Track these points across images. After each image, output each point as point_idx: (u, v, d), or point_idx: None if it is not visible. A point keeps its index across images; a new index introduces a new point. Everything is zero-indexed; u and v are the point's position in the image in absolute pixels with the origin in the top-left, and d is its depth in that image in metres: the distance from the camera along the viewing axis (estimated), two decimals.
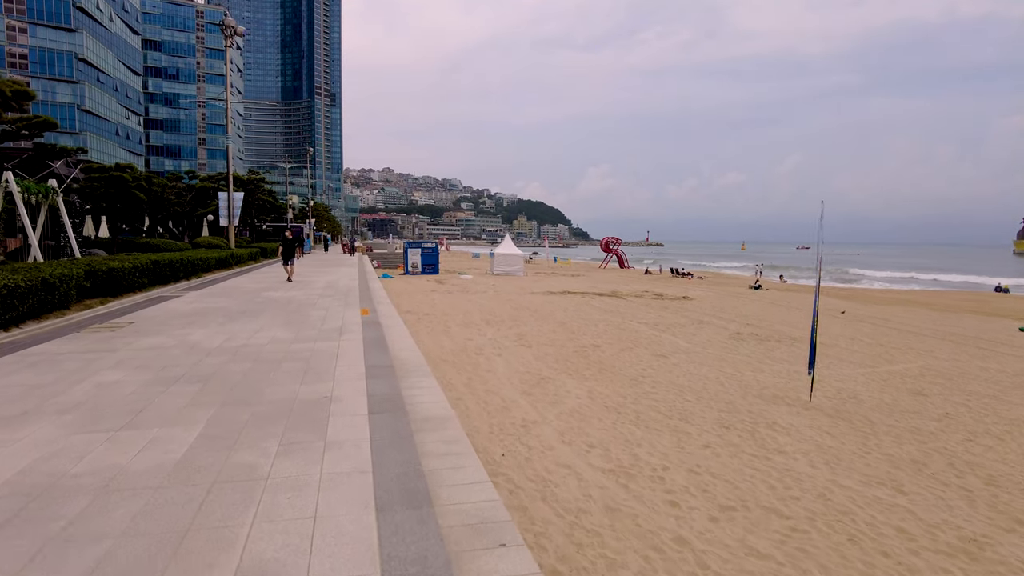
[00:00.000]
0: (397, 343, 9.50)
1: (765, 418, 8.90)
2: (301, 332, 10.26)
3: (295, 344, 9.23)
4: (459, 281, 34.96)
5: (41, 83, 72.75)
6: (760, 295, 31.99)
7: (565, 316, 19.46)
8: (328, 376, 7.18)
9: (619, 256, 63.26)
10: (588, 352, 13.56)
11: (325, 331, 10.38)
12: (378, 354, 8.51)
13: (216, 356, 8.32)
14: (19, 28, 71.33)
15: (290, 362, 7.97)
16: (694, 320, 19.92)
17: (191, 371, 7.41)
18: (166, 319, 11.72)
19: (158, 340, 9.45)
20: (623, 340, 15.36)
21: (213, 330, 10.42)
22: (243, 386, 6.72)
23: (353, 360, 8.07)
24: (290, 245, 21.38)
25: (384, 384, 6.78)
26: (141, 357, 8.22)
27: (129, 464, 4.45)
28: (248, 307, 13.89)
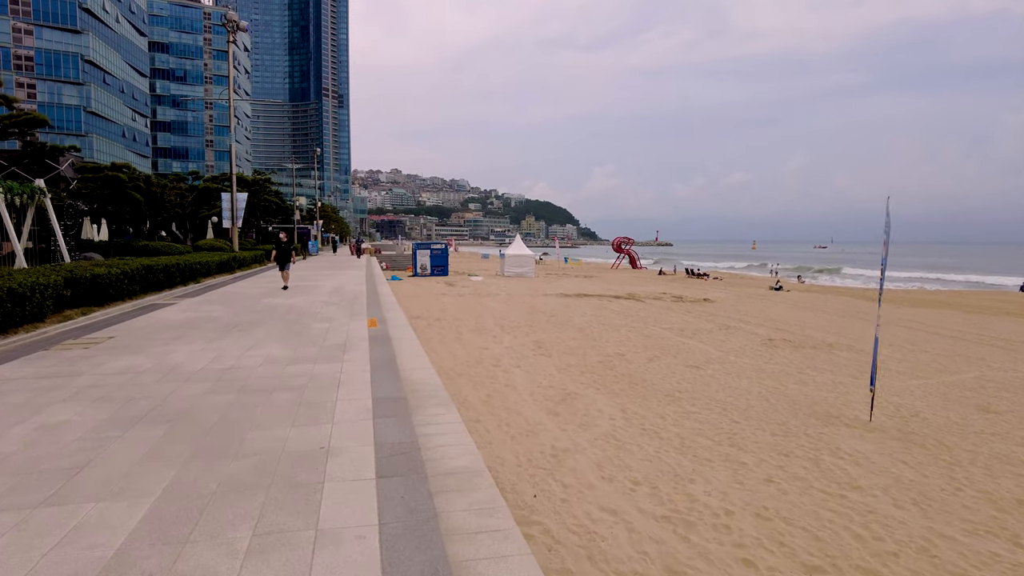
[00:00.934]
0: (409, 361, 8.33)
1: (826, 442, 7.83)
2: (300, 350, 8.94)
3: (291, 366, 7.90)
4: (470, 283, 33.98)
5: (47, 85, 72.38)
6: (783, 297, 30.82)
7: (583, 321, 18.41)
8: (326, 414, 5.79)
9: (631, 256, 62.08)
10: (614, 362, 12.50)
11: (327, 348, 9.05)
12: (388, 380, 7.10)
13: (196, 383, 6.98)
14: (25, 30, 70.89)
15: (283, 392, 6.59)
16: (720, 325, 18.83)
17: (161, 406, 6.07)
18: (150, 333, 10.51)
19: (133, 361, 8.19)
20: (649, 348, 14.30)
21: (200, 347, 9.18)
22: (220, 429, 5.32)
23: (358, 389, 6.70)
24: (285, 248, 19.04)
25: (395, 426, 5.35)
26: (106, 384, 6.93)
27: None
28: (244, 317, 12.63)
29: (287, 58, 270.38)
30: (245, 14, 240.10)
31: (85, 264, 13.01)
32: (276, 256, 19.01)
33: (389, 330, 10.91)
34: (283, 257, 18.91)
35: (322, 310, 13.95)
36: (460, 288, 30.44)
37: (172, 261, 17.16)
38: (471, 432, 7.20)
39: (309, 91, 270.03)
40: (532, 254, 43.45)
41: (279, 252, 18.93)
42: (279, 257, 18.94)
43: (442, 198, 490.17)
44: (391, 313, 13.57)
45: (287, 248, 19.01)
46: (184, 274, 18.31)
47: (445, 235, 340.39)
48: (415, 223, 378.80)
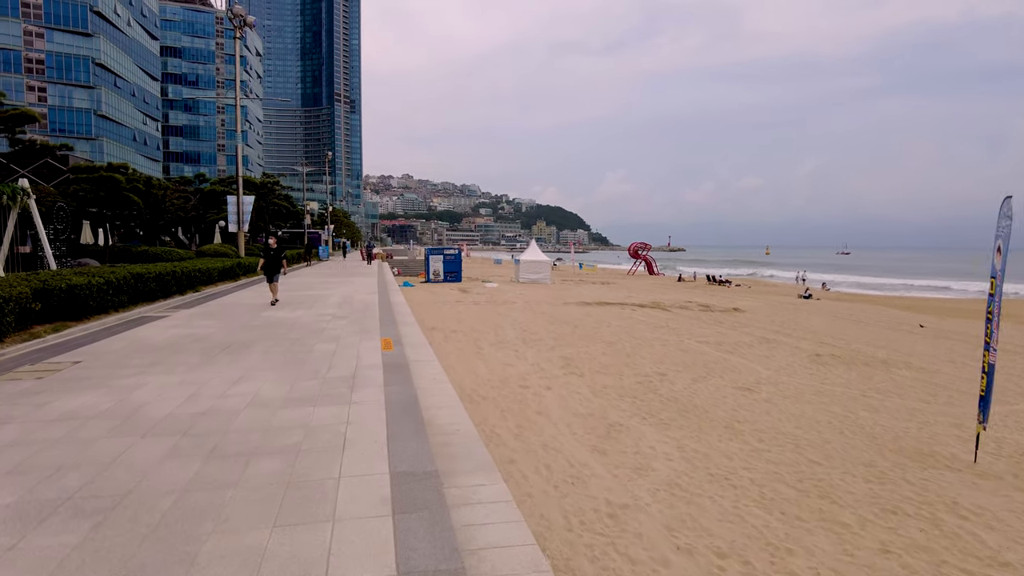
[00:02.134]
0: (433, 397, 6.81)
1: (935, 493, 6.45)
2: (298, 384, 7.30)
3: (284, 410, 6.20)
4: (484, 290, 32.70)
5: (57, 88, 72.06)
6: (815, 306, 29.30)
7: (611, 333, 17.05)
8: (325, 503, 4.05)
9: (648, 262, 60.55)
10: (654, 384, 11.15)
11: (331, 383, 7.37)
12: (409, 435, 5.36)
13: (155, 440, 5.26)
14: (36, 33, 70.61)
15: (267, 459, 4.82)
16: (758, 338, 17.42)
17: (95, 482, 4.37)
18: (124, 357, 8.99)
19: (88, 400, 6.54)
20: (689, 366, 12.93)
21: (177, 378, 7.58)
22: (166, 532, 3.62)
23: (370, 453, 4.93)
24: (274, 257, 16.24)
25: (426, 531, 3.60)
26: (36, 441, 5.22)
27: None
28: (238, 336, 11.08)
29: (299, 63, 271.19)
30: (257, 20, 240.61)
31: (64, 272, 11.69)
32: (263, 266, 16.34)
33: (406, 351, 9.51)
34: (271, 267, 16.28)
35: (329, 326, 12.52)
36: (475, 295, 29.16)
37: (167, 269, 15.84)
38: (506, 478, 5.91)
39: (321, 96, 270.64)
40: (548, 260, 42.15)
41: (267, 261, 16.25)
42: (267, 267, 16.27)
43: (453, 203, 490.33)
44: (407, 328, 12.22)
45: (276, 256, 16.33)
46: (181, 282, 17.02)
47: (456, 240, 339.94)
48: (426, 228, 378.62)
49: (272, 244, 16.57)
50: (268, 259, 16.22)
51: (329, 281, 25.58)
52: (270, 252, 16.32)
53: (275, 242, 16.59)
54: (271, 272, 16.25)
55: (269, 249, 16.42)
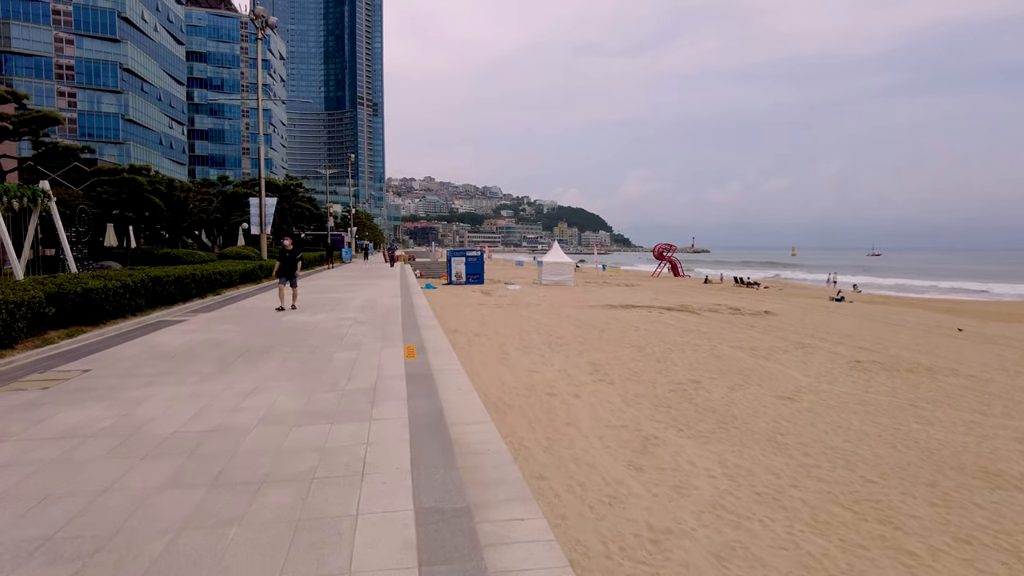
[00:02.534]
0: (459, 411, 6.44)
1: (1010, 519, 5.87)
2: (315, 397, 6.90)
3: (299, 428, 5.76)
4: (507, 292, 32.31)
5: (87, 93, 73.32)
6: (848, 308, 28.41)
7: (640, 337, 16.51)
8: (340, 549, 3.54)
9: (673, 264, 59.66)
10: (689, 392, 10.62)
11: (351, 395, 6.96)
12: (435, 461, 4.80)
13: (156, 463, 4.82)
14: (66, 40, 71.96)
15: (277, 489, 4.32)
16: (793, 342, 16.77)
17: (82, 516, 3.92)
18: (136, 365, 8.72)
19: (91, 414, 6.18)
20: (724, 373, 12.37)
21: (188, 389, 7.24)
22: None
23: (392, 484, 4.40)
24: (290, 259, 15.47)
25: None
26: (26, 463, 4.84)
27: None
28: (256, 341, 10.79)
29: (322, 67, 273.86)
30: (281, 24, 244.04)
31: (82, 276, 11.49)
32: (279, 269, 15.48)
33: (430, 359, 9.12)
34: (287, 270, 15.51)
35: (350, 331, 12.20)
36: (498, 298, 28.78)
37: (186, 272, 15.68)
38: (536, 496, 5.46)
39: (344, 100, 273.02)
40: (571, 261, 41.60)
41: (283, 264, 15.45)
42: (282, 270, 15.43)
43: (474, 205, 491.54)
44: (429, 333, 11.82)
45: (292, 259, 15.54)
46: (201, 286, 16.79)
47: (478, 242, 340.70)
48: (448, 230, 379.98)
49: (288, 245, 15.64)
50: (284, 261, 15.46)
51: (351, 284, 25.37)
52: (285, 254, 15.54)
53: (291, 243, 15.69)
54: (287, 274, 15.54)
55: (284, 251, 15.61)
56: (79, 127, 72.41)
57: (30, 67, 70.13)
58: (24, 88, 68.50)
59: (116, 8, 73.69)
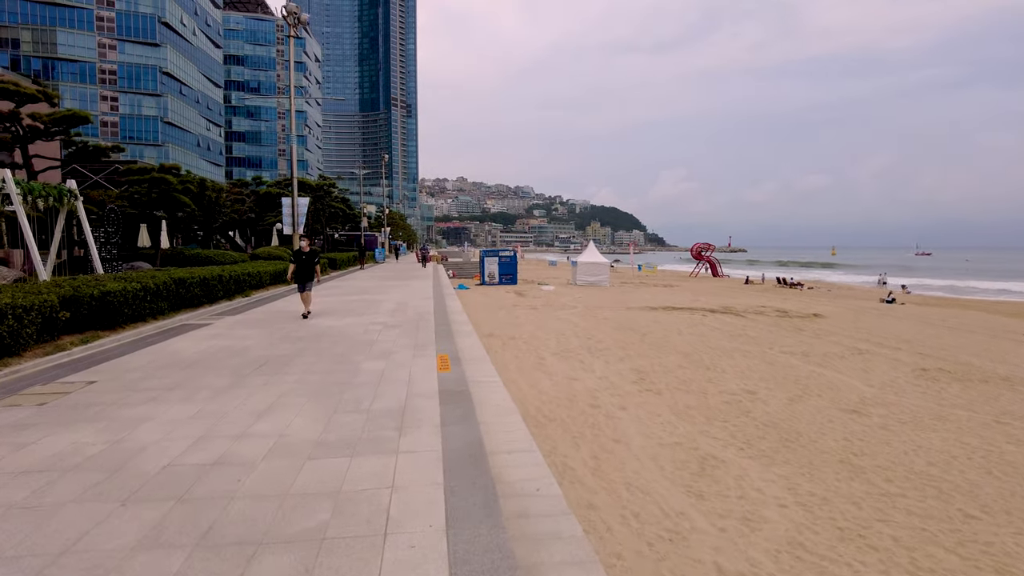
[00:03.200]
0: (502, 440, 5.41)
1: None
2: (335, 421, 5.90)
3: (313, 463, 4.84)
4: (541, 293, 31.57)
5: (128, 97, 74.82)
6: (901, 311, 26.97)
7: (684, 342, 15.64)
8: None
9: (712, 264, 58.13)
10: (744, 403, 9.77)
11: (377, 418, 5.97)
12: (476, 515, 3.85)
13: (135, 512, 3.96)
14: (109, 45, 73.57)
15: (278, 552, 3.46)
16: (848, 348, 15.70)
17: None
18: (146, 375, 7.95)
19: (80, 437, 5.44)
20: (780, 382, 11.46)
21: (195, 408, 6.40)
22: None
23: (421, 546, 3.49)
24: (307, 262, 13.87)
25: None
26: None
27: None
28: (279, 349, 9.95)
29: (357, 69, 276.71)
30: (316, 27, 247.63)
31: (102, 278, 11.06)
32: (295, 273, 13.87)
33: (465, 370, 8.31)
34: (304, 274, 13.84)
35: (379, 338, 11.26)
36: (532, 299, 28.07)
37: (214, 273, 15.23)
38: (587, 529, 4.76)
39: (378, 101, 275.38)
40: (606, 262, 40.64)
41: (299, 267, 13.82)
42: (298, 274, 13.84)
43: (507, 205, 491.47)
44: (464, 340, 11.03)
45: (309, 262, 13.89)
46: (228, 287, 16.28)
47: (510, 241, 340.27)
48: (480, 230, 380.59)
49: (304, 247, 14.07)
50: (300, 265, 13.89)
51: (383, 285, 24.90)
52: (302, 257, 13.92)
53: (307, 245, 14.20)
54: (303, 279, 13.90)
55: (301, 253, 14.00)
56: (120, 130, 74.00)
57: (75, 72, 71.91)
58: (69, 93, 70.33)
59: (156, 13, 75.09)
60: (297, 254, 14.10)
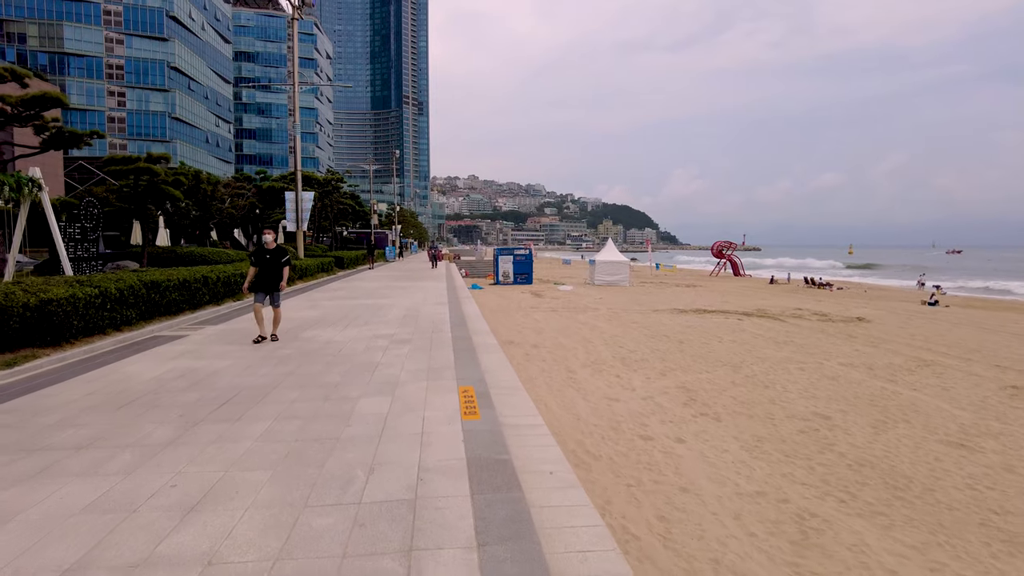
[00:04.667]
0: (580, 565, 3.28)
1: None
2: (305, 525, 3.68)
3: None
4: (559, 294, 30.00)
5: (135, 92, 73.93)
6: (949, 315, 25.10)
7: (728, 352, 13.99)
8: None
9: (733, 263, 56.22)
10: (823, 433, 8.13)
11: (370, 521, 3.73)
12: None
13: None
14: (116, 39, 72.66)
15: None
16: (911, 358, 14.00)
17: None
18: (61, 421, 5.88)
19: None
20: (852, 402, 9.81)
21: (93, 491, 4.19)
22: None
23: None
24: (271, 265, 10.28)
25: None
26: None
27: None
28: (255, 375, 7.85)
29: (368, 67, 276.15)
30: (328, 24, 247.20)
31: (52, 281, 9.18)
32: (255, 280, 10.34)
33: (499, 415, 5.97)
34: (267, 280, 10.27)
35: (386, 358, 9.06)
36: (550, 300, 26.49)
37: (197, 274, 13.42)
38: None
39: (390, 99, 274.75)
40: (625, 260, 38.96)
41: (261, 271, 10.26)
42: (258, 280, 10.28)
43: (518, 203, 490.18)
44: (490, 358, 9.13)
45: (275, 264, 10.27)
46: (216, 290, 14.36)
47: (522, 240, 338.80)
48: (491, 228, 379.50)
49: (269, 243, 10.38)
50: (262, 268, 10.22)
51: (394, 286, 23.36)
52: (264, 256, 10.25)
53: (273, 240, 10.47)
54: (265, 288, 10.30)
55: (263, 251, 10.32)
56: (127, 126, 73.15)
57: (82, 67, 71.07)
58: (76, 88, 69.54)
59: (164, 7, 74.12)
60: (259, 253, 10.37)
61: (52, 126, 13.99)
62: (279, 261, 10.37)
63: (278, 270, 10.35)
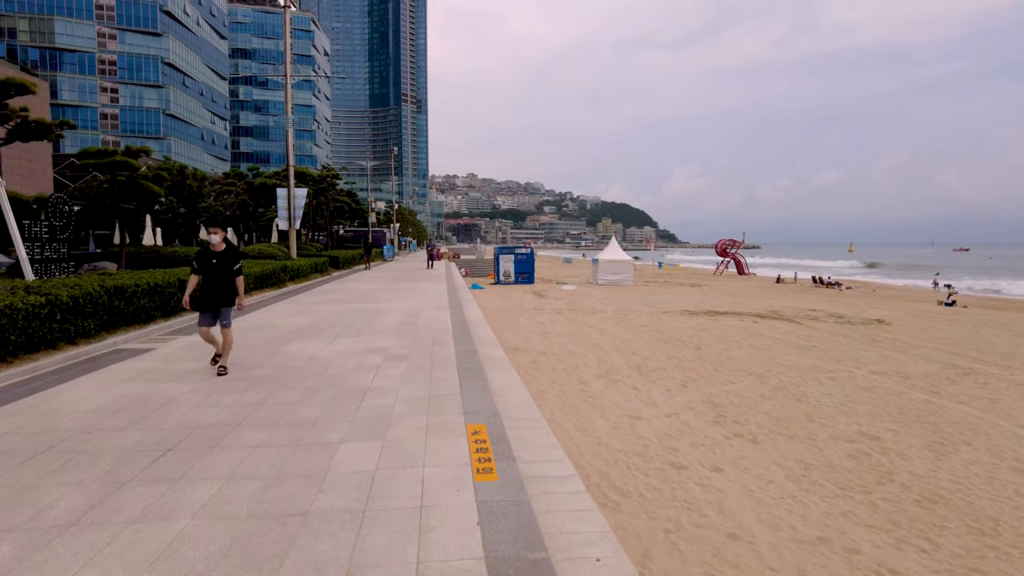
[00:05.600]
0: None
1: None
2: None
3: None
4: (562, 294, 29.04)
5: (128, 88, 72.73)
6: (969, 316, 24.15)
7: (749, 360, 13.02)
8: None
9: (737, 261, 55.23)
10: (876, 459, 7.17)
11: None
12: None
13: None
14: (108, 35, 71.43)
15: None
16: (946, 365, 13.05)
17: None
18: None
19: None
20: (898, 419, 8.85)
21: None
22: None
23: None
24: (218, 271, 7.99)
25: None
26: None
27: None
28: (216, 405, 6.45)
29: (367, 64, 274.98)
30: (327, 22, 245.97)
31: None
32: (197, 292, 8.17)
33: (522, 475, 4.54)
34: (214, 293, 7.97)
35: (377, 381, 7.55)
36: (553, 300, 25.53)
37: (171, 278, 12.16)
38: None
39: (388, 97, 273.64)
40: (629, 259, 38.04)
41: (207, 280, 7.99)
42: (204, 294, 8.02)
43: (517, 201, 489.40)
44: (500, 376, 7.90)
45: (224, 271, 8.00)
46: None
47: (520, 238, 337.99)
48: (490, 226, 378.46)
49: (216, 244, 8.09)
50: (207, 275, 7.95)
51: (391, 288, 22.33)
52: (210, 262, 7.96)
53: (222, 240, 8.14)
54: (211, 304, 7.96)
55: (208, 255, 8.04)
56: (120, 123, 71.95)
57: (73, 63, 69.83)
58: (67, 84, 68.41)
59: (158, 1, 72.90)
60: (203, 257, 8.03)
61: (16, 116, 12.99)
62: (229, 268, 8.01)
63: (228, 279, 7.99)
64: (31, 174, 33.93)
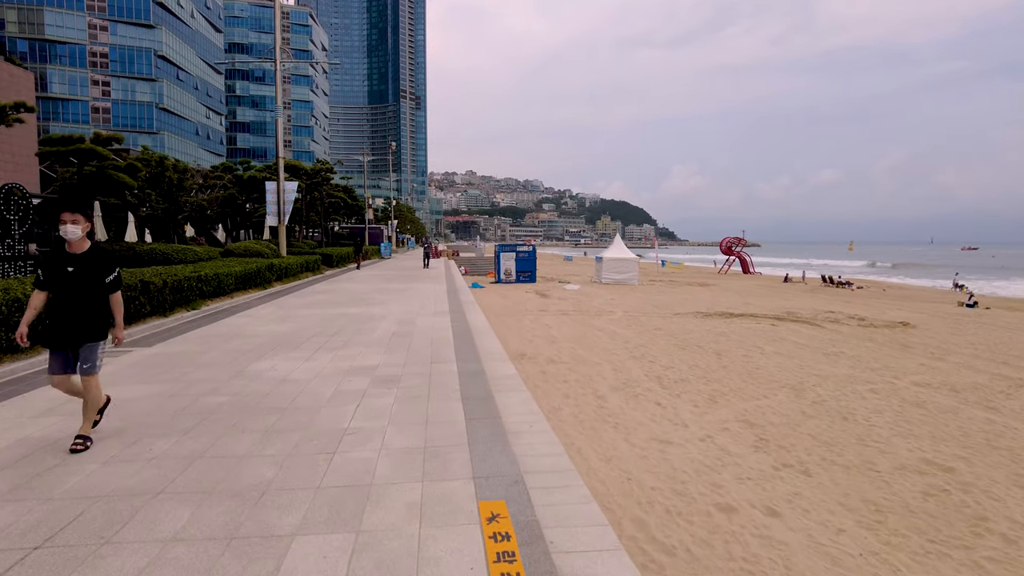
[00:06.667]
0: None
1: None
2: None
3: None
4: (566, 293, 27.91)
5: (120, 82, 71.39)
6: (994, 317, 23.05)
7: (778, 368, 11.88)
8: None
9: (743, 260, 54.06)
10: (959, 498, 6.04)
11: None
12: None
13: None
14: (100, 26, 70.04)
15: None
16: (995, 376, 11.93)
17: None
18: None
19: None
20: (962, 443, 7.72)
21: None
22: None
23: None
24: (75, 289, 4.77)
25: None
26: None
27: None
28: (141, 459, 4.61)
29: (366, 61, 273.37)
30: (325, 17, 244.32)
31: None
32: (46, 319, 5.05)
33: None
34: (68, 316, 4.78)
35: (357, 420, 5.73)
36: (557, 300, 24.39)
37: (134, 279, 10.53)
38: None
39: (387, 93, 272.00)
40: (634, 258, 36.92)
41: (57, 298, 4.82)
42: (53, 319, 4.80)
43: (516, 199, 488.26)
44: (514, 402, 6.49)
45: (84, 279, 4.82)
46: (162, 299, 11.31)
47: (520, 235, 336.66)
48: (489, 224, 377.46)
49: (73, 241, 4.89)
50: (58, 291, 4.81)
51: (386, 288, 21.10)
52: (65, 269, 4.78)
53: (83, 235, 4.94)
54: (66, 335, 4.81)
55: (62, 258, 4.83)
56: (112, 116, 70.51)
57: (64, 55, 68.39)
58: (58, 77, 67.00)
59: None
60: (52, 262, 4.86)
61: None
62: (96, 279, 4.90)
63: (94, 298, 4.91)
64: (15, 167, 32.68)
